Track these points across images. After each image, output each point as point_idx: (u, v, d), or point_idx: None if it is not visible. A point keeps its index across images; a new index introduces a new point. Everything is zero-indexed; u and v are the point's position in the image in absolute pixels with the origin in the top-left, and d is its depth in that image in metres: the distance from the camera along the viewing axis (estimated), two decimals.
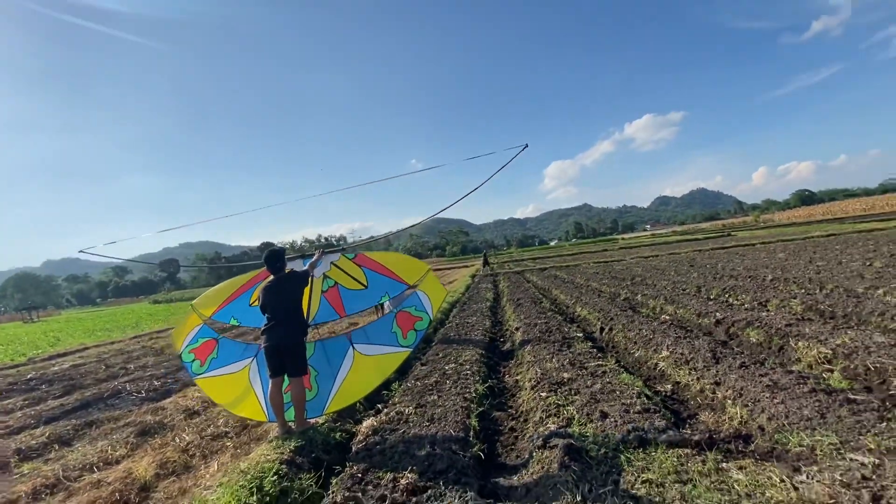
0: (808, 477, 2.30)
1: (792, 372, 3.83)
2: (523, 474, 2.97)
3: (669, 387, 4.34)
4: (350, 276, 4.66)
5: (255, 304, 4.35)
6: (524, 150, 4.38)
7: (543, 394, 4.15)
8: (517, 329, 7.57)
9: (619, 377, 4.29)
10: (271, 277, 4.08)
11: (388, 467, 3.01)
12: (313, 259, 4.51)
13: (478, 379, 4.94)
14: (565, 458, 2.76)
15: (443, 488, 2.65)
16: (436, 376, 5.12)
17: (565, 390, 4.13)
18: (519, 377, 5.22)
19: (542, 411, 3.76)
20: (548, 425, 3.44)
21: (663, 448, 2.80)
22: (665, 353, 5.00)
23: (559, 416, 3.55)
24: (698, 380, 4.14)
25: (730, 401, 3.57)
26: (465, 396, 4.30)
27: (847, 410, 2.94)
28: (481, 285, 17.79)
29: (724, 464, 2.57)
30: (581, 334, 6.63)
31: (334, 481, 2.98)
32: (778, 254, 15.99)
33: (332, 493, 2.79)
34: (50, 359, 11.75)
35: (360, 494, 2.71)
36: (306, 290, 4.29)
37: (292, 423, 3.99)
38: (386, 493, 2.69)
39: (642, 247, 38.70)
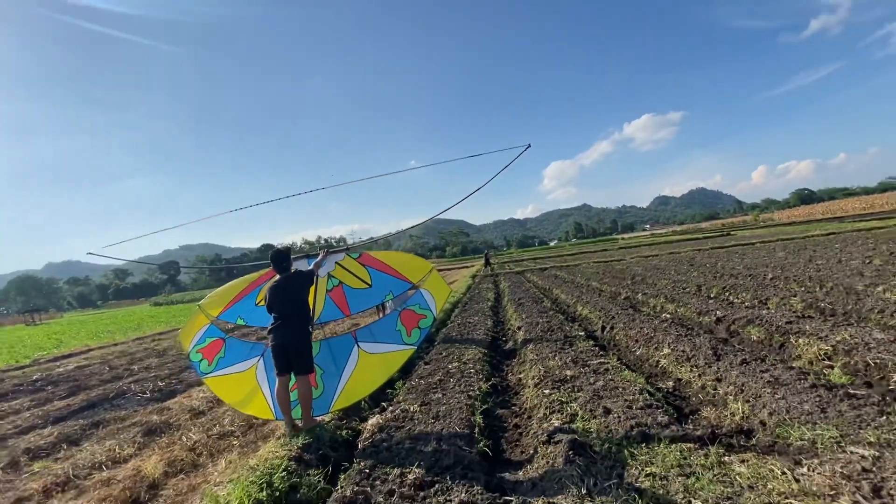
0: (809, 469, 2.34)
1: (793, 368, 3.88)
2: (529, 469, 3.01)
3: (671, 384, 4.38)
4: (354, 276, 4.70)
5: (262, 303, 4.40)
6: (527, 150, 4.41)
7: (546, 391, 4.19)
8: (519, 328, 7.61)
9: (621, 374, 4.33)
10: (277, 277, 4.13)
11: (395, 463, 3.05)
12: (318, 259, 4.55)
13: (481, 377, 4.99)
14: (570, 452, 2.80)
15: (450, 483, 2.69)
16: (440, 375, 5.17)
17: (568, 387, 4.17)
18: (522, 375, 5.26)
19: (546, 408, 3.80)
20: (552, 421, 3.49)
21: (666, 443, 2.84)
22: (666, 351, 5.05)
23: (563, 413, 3.59)
24: (700, 376, 4.18)
25: (731, 397, 3.61)
26: (470, 394, 4.34)
27: (847, 405, 2.98)
28: (482, 285, 17.83)
29: (727, 457, 2.61)
30: (582, 333, 6.68)
31: (342, 477, 3.02)
32: (778, 252, 16.02)
33: (341, 489, 2.82)
34: (54, 360, 11.80)
35: (368, 489, 2.75)
36: (311, 289, 4.33)
37: (299, 421, 4.04)
38: (394, 487, 2.73)
39: (642, 246, 38.76)
